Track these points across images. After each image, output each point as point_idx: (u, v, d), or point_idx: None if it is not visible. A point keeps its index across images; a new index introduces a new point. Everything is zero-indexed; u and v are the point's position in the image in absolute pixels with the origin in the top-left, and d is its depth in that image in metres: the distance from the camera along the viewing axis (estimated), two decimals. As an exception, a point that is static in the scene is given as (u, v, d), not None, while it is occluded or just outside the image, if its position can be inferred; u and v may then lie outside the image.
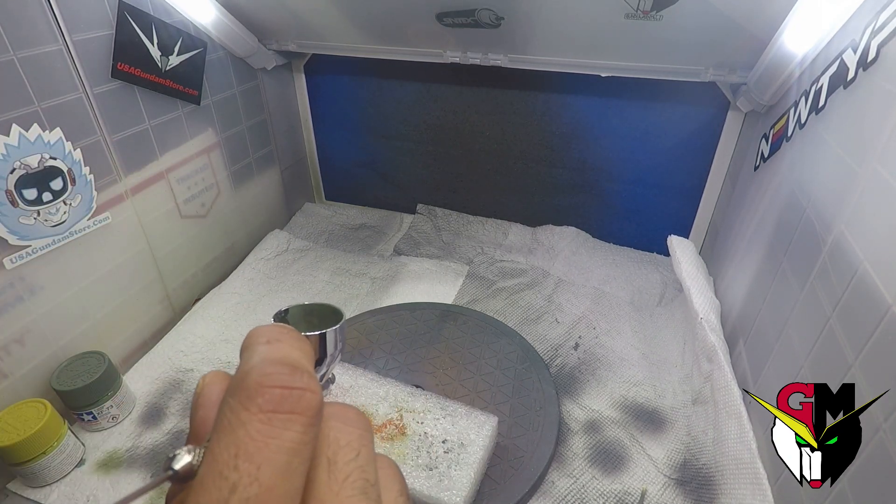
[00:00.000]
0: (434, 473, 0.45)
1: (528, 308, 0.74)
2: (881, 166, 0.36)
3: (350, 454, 0.16)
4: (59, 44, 0.54)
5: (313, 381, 0.16)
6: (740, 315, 0.58)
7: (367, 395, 0.53)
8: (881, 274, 0.33)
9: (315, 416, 0.15)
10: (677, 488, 0.50)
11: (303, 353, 0.18)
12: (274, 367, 0.15)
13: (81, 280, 0.60)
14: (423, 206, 0.98)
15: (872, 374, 0.32)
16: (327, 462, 0.16)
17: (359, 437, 0.17)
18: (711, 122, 0.73)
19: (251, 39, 0.78)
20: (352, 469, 0.16)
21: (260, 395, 0.15)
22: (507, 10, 0.62)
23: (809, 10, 0.47)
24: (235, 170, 0.83)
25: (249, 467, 0.13)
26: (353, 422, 0.17)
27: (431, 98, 0.87)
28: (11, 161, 0.50)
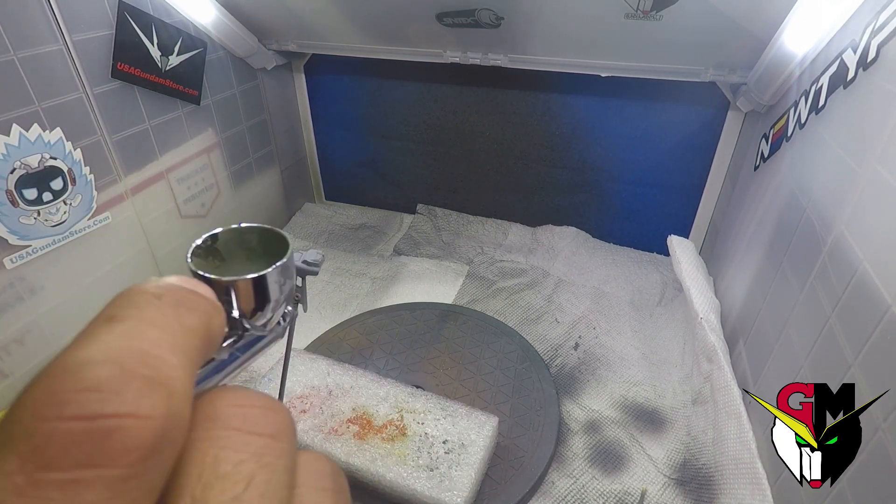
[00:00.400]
0: (435, 474, 0.45)
1: (528, 308, 0.74)
2: (881, 166, 0.36)
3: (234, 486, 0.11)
4: (59, 44, 0.54)
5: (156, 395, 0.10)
6: (740, 315, 0.58)
7: (368, 395, 0.53)
8: (881, 274, 0.33)
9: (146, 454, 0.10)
10: (677, 488, 0.50)
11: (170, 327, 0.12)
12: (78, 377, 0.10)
13: (82, 280, 0.60)
14: (423, 206, 0.98)
15: (872, 374, 0.32)
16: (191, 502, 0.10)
17: (259, 451, 0.12)
18: (711, 122, 0.73)
19: (251, 39, 0.78)
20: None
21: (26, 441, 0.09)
22: (507, 10, 0.62)
23: (809, 10, 0.47)
24: (235, 170, 0.83)
25: None
26: (256, 424, 0.12)
27: (431, 98, 0.87)
28: (12, 161, 0.50)
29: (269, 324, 0.20)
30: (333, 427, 0.50)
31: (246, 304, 0.18)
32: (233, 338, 0.19)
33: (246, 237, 0.20)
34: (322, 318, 0.73)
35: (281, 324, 0.21)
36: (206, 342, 0.13)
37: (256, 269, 0.18)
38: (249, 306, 0.19)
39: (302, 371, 0.56)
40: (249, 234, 0.20)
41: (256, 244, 0.20)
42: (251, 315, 0.19)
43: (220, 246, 0.20)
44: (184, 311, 0.13)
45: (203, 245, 0.19)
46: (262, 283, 0.18)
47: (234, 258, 0.20)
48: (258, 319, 0.19)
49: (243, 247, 0.20)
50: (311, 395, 0.53)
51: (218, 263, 0.20)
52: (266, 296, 0.19)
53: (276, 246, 0.20)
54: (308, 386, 0.54)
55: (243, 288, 0.18)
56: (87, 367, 0.10)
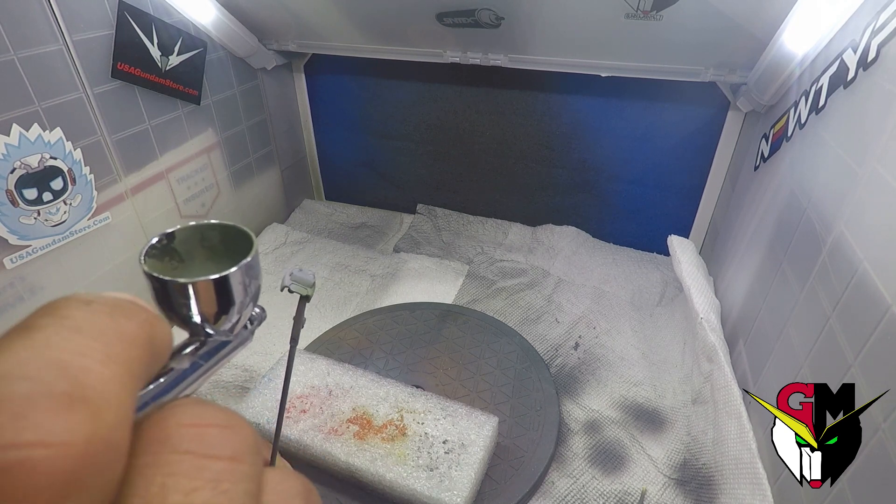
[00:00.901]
0: (435, 474, 0.45)
1: (528, 308, 0.74)
2: (881, 166, 0.36)
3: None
4: (60, 44, 0.54)
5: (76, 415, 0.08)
6: (740, 315, 0.58)
7: (368, 395, 0.53)
8: (881, 274, 0.33)
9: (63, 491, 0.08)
10: (677, 488, 0.50)
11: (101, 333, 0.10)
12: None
13: (82, 280, 0.60)
14: (423, 206, 0.98)
15: (872, 374, 0.32)
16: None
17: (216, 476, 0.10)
18: (711, 122, 0.73)
19: (251, 39, 0.78)
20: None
21: None
22: (507, 10, 0.62)
23: (809, 10, 0.47)
24: (235, 170, 0.83)
25: None
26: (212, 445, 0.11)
27: (431, 98, 0.87)
28: (12, 161, 0.50)
29: (234, 328, 0.19)
30: (333, 427, 0.50)
31: (208, 307, 0.17)
32: (194, 344, 0.18)
33: (207, 235, 0.19)
34: (322, 318, 0.73)
35: (248, 327, 0.20)
36: (148, 352, 0.11)
37: (219, 269, 0.17)
38: (212, 310, 0.17)
39: (302, 371, 0.56)
40: (210, 231, 0.19)
41: (218, 243, 0.19)
42: (214, 319, 0.18)
43: (177, 245, 0.18)
44: (120, 317, 0.11)
45: (158, 244, 0.18)
46: (225, 285, 0.17)
47: (195, 258, 0.19)
48: (222, 324, 0.18)
49: (204, 246, 0.19)
50: (311, 395, 0.53)
51: (176, 265, 0.18)
52: (230, 298, 0.17)
53: (240, 244, 0.18)
54: (308, 386, 0.54)
55: (204, 290, 0.17)
56: None
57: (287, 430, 0.50)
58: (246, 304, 0.18)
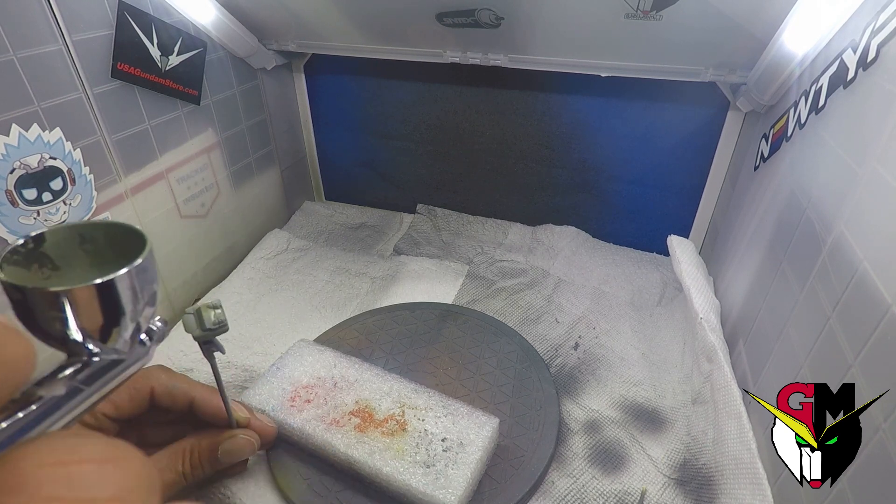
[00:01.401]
0: (431, 471, 0.46)
1: (528, 308, 0.74)
2: (881, 166, 0.36)
3: None
4: (59, 44, 0.54)
5: None
6: (740, 315, 0.58)
7: (372, 389, 0.53)
8: (881, 274, 0.33)
9: None
10: (677, 488, 0.50)
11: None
12: None
13: (81, 280, 0.60)
14: (423, 206, 0.98)
15: (872, 374, 0.32)
16: None
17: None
18: (711, 122, 0.73)
19: (251, 39, 0.78)
20: None
21: None
22: (507, 10, 0.62)
23: (809, 10, 0.47)
24: (235, 170, 0.83)
25: None
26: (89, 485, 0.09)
27: (431, 98, 0.87)
28: (11, 161, 0.50)
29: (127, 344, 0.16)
30: (335, 418, 0.50)
31: (89, 319, 0.14)
32: (74, 366, 0.15)
33: (89, 237, 0.16)
34: (322, 318, 0.73)
35: (145, 343, 0.17)
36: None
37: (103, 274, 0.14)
38: (95, 322, 0.14)
39: (310, 362, 0.57)
40: (93, 232, 0.16)
41: (105, 246, 0.16)
42: (100, 335, 0.15)
43: (49, 250, 0.15)
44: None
45: (22, 249, 0.15)
46: (110, 291, 0.14)
47: (74, 265, 0.16)
48: (112, 340, 0.15)
49: (86, 250, 0.16)
50: (317, 385, 0.54)
51: (48, 273, 0.15)
52: (118, 307, 0.15)
53: (132, 246, 0.16)
54: (314, 377, 0.55)
55: (83, 298, 0.14)
56: None
57: (290, 419, 0.50)
58: (138, 313, 0.15)
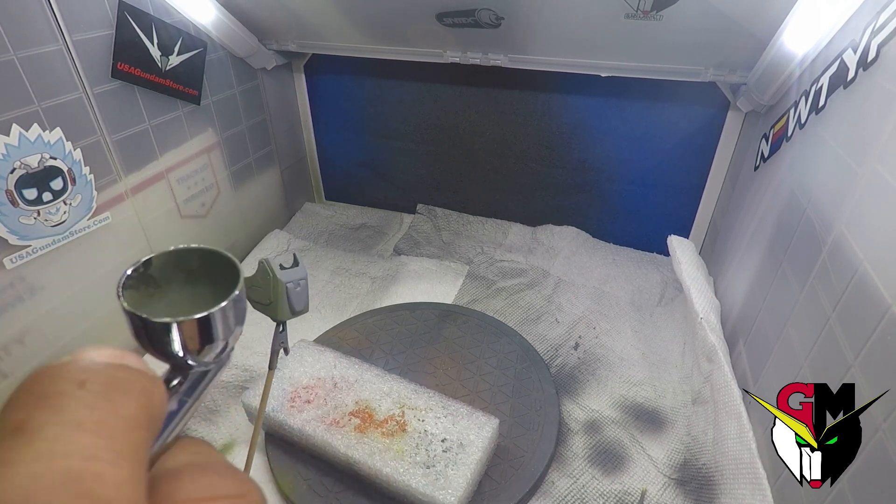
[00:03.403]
0: (431, 472, 0.46)
1: (528, 308, 0.74)
2: (881, 166, 0.36)
3: None
4: (59, 44, 0.54)
5: None
6: (740, 315, 0.58)
7: (372, 389, 0.53)
8: (881, 274, 0.33)
9: None
10: (677, 488, 0.50)
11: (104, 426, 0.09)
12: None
13: (81, 280, 0.60)
14: (423, 206, 0.98)
15: (872, 374, 0.32)
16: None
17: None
18: (711, 122, 0.73)
19: (251, 39, 0.78)
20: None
21: None
22: (507, 10, 0.62)
23: (809, 10, 0.47)
24: (235, 170, 0.83)
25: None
26: None
27: (431, 98, 0.87)
28: (11, 161, 0.50)
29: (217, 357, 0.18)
30: (336, 419, 0.50)
31: (191, 343, 0.16)
32: (177, 379, 0.17)
33: (185, 259, 0.18)
34: (322, 318, 0.73)
35: (227, 347, 0.19)
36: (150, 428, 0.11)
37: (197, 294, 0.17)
38: (195, 346, 0.17)
39: (310, 362, 0.57)
40: (188, 255, 0.18)
41: (197, 267, 0.18)
42: (198, 353, 0.17)
43: (153, 272, 0.18)
44: (118, 397, 0.10)
45: (135, 274, 0.17)
46: (210, 322, 0.16)
47: (171, 283, 0.18)
48: (205, 356, 0.17)
49: (182, 269, 0.18)
50: (317, 386, 0.54)
51: (152, 291, 0.18)
52: (213, 334, 0.17)
53: (222, 269, 0.17)
54: (314, 377, 0.55)
55: (188, 328, 0.16)
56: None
57: (291, 420, 0.50)
58: (230, 334, 0.17)
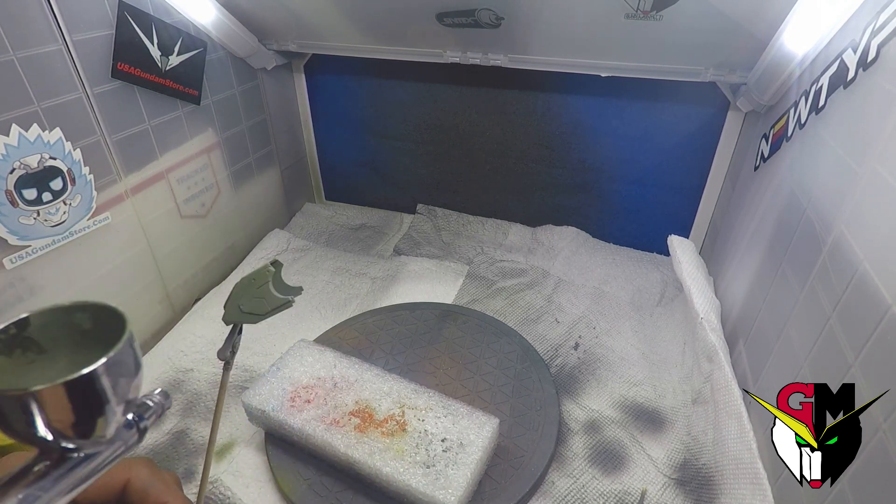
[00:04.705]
0: (431, 471, 0.46)
1: (528, 308, 0.74)
2: (881, 166, 0.36)
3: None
4: (59, 44, 0.54)
5: None
6: (740, 315, 0.58)
7: (372, 389, 0.53)
8: (881, 274, 0.33)
9: None
10: (677, 488, 0.50)
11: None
12: None
13: (81, 280, 0.60)
14: (423, 206, 0.98)
15: (872, 374, 0.32)
16: None
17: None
18: (711, 122, 0.73)
19: (251, 39, 0.78)
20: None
21: None
22: (507, 11, 0.62)
23: (809, 10, 0.47)
24: (235, 170, 0.83)
25: None
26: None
27: (431, 98, 0.87)
28: (11, 161, 0.50)
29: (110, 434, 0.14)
30: (335, 418, 0.50)
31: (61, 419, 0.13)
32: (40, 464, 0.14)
33: (74, 319, 0.15)
34: (322, 318, 0.73)
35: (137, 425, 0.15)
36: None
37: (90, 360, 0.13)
38: (67, 420, 0.13)
39: (310, 362, 0.57)
40: (78, 313, 0.15)
41: (90, 326, 0.15)
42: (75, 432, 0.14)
43: (34, 334, 0.14)
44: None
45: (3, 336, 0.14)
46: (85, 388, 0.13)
47: (61, 347, 0.15)
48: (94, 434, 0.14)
49: (72, 330, 0.15)
50: (317, 385, 0.54)
51: (33, 357, 0.14)
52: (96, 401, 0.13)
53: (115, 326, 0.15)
54: (314, 377, 0.55)
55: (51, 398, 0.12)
56: None
57: (291, 420, 0.50)
58: (119, 404, 0.14)
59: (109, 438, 0.14)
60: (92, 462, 0.14)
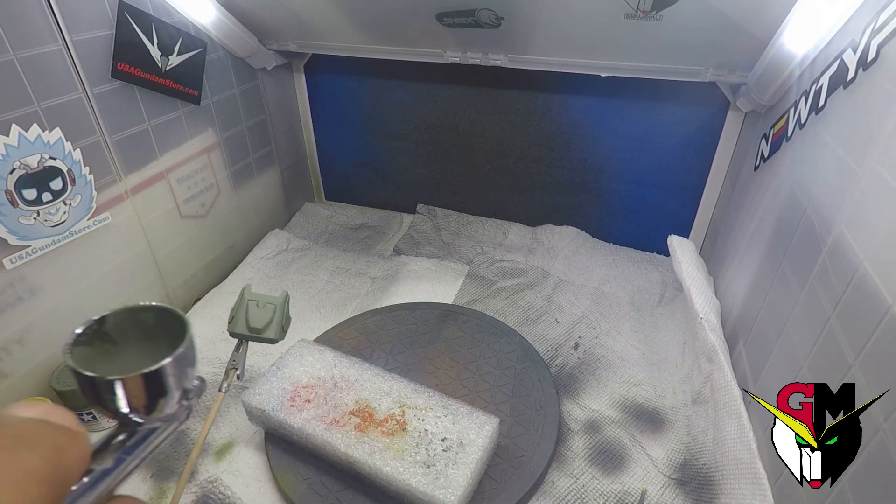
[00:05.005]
0: (431, 471, 0.46)
1: (528, 308, 0.74)
2: (881, 166, 0.36)
3: None
4: (59, 44, 0.54)
5: None
6: (740, 315, 0.58)
7: (372, 389, 0.53)
8: (881, 274, 0.33)
9: None
10: (677, 488, 0.50)
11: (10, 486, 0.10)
12: None
13: (81, 280, 0.60)
14: (423, 206, 0.98)
15: (872, 374, 0.32)
16: None
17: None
18: (711, 122, 0.73)
19: (251, 39, 0.78)
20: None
21: None
22: (507, 10, 0.62)
23: (809, 10, 0.47)
24: (235, 170, 0.83)
25: None
26: None
27: (431, 98, 0.87)
28: (11, 161, 0.50)
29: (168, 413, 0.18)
30: (335, 418, 0.50)
31: (137, 400, 0.17)
32: (121, 436, 0.17)
33: (141, 317, 0.19)
34: (322, 318, 0.73)
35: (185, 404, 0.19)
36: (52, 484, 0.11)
37: (154, 351, 0.17)
38: (142, 402, 0.17)
39: (310, 361, 0.57)
40: (145, 313, 0.18)
41: (153, 323, 0.19)
42: (146, 410, 0.17)
43: (109, 329, 0.18)
44: (22, 451, 0.11)
45: (88, 331, 0.17)
46: (157, 378, 0.16)
47: (129, 339, 0.18)
48: (154, 413, 0.17)
49: (138, 326, 0.18)
50: (317, 385, 0.54)
51: (108, 347, 0.18)
52: (162, 389, 0.17)
53: (176, 325, 0.18)
54: (314, 376, 0.55)
55: (133, 385, 0.16)
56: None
57: (291, 419, 0.50)
58: (179, 390, 0.18)
59: (168, 416, 0.18)
60: (157, 434, 0.18)
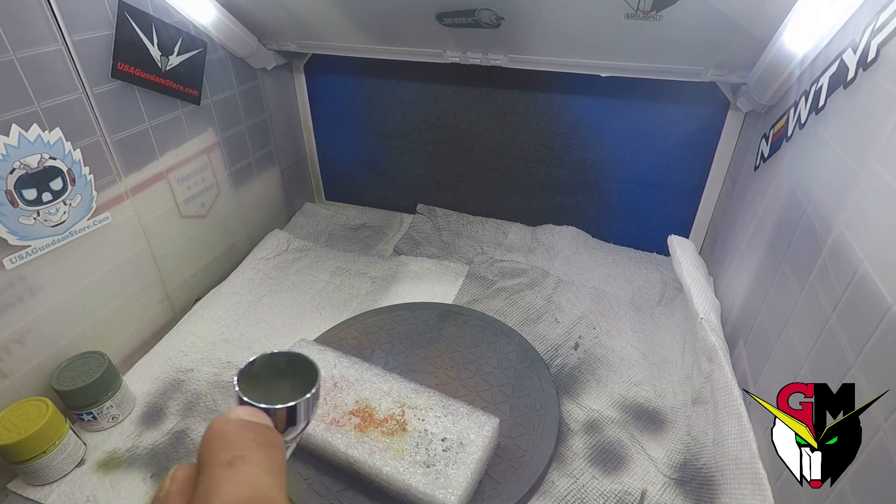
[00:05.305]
0: (431, 471, 0.46)
1: (528, 308, 0.74)
2: (881, 166, 0.36)
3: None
4: (59, 44, 0.54)
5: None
6: (740, 315, 0.58)
7: (372, 389, 0.53)
8: (881, 274, 0.33)
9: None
10: (677, 488, 0.50)
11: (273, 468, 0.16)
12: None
13: (81, 280, 0.60)
14: (423, 206, 0.98)
15: (872, 374, 0.32)
16: None
17: None
18: (711, 122, 0.73)
19: (251, 39, 0.78)
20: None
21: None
22: (507, 10, 0.62)
23: (809, 10, 0.47)
24: (235, 170, 0.83)
25: None
26: None
27: (431, 98, 0.87)
28: (11, 161, 0.50)
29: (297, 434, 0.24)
30: (335, 418, 0.50)
31: (280, 425, 0.23)
32: None
33: (276, 360, 0.25)
34: (322, 318, 0.73)
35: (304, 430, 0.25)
36: None
37: (284, 386, 0.23)
38: (282, 427, 0.23)
39: None
40: (280, 357, 0.25)
41: (285, 365, 0.25)
42: (282, 431, 0.23)
43: (255, 369, 0.24)
44: (275, 450, 0.17)
45: (245, 371, 0.24)
46: (295, 410, 0.23)
47: (264, 376, 0.24)
48: (287, 434, 0.23)
49: (273, 367, 0.24)
50: None
51: (252, 383, 0.24)
52: (297, 418, 0.23)
53: (302, 367, 0.24)
54: None
55: (280, 414, 0.22)
56: None
57: None
58: (308, 419, 0.24)
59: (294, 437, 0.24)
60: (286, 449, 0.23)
